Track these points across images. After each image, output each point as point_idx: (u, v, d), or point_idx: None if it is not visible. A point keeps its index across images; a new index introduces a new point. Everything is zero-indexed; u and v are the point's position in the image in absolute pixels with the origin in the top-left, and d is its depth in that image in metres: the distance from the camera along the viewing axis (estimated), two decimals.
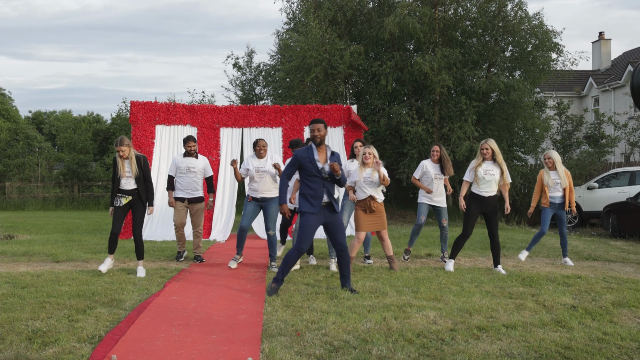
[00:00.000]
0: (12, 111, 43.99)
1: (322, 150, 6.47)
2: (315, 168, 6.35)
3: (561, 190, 8.85)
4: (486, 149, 7.98)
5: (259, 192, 8.15)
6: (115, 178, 7.55)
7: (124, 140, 7.53)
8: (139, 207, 7.63)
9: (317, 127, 6.39)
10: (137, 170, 7.51)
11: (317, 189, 6.36)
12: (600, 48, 29.44)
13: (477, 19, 17.22)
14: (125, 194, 7.56)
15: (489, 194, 7.96)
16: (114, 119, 29.42)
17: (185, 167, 8.80)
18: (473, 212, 8.00)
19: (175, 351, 4.35)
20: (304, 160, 6.39)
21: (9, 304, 5.73)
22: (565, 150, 19.68)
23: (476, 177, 7.96)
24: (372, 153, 7.88)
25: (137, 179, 7.56)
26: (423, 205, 8.92)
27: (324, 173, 6.37)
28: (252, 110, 13.42)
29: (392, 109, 16.98)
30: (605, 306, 5.84)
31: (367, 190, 7.82)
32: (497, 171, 7.94)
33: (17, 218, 17.75)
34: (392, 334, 4.74)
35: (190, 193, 8.81)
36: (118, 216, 7.58)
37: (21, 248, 9.93)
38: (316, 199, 6.36)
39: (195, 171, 8.80)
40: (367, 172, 7.84)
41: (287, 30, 20.36)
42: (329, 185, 6.44)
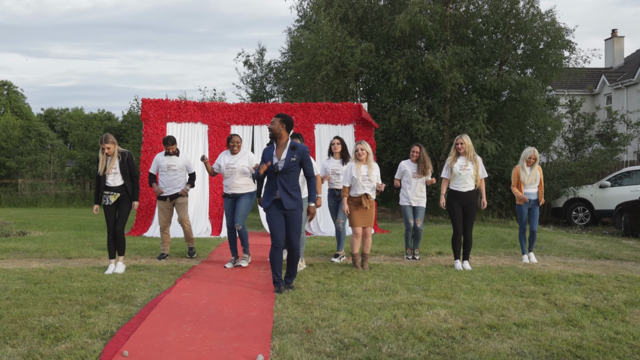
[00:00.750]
0: (24, 109, 44.32)
1: (281, 146, 6.50)
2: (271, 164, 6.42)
3: (536, 187, 8.91)
4: (461, 143, 8.10)
5: (230, 188, 8.13)
6: (99, 176, 7.54)
7: (109, 137, 7.57)
8: (126, 203, 7.62)
9: (272, 121, 6.49)
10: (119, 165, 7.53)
11: (271, 184, 6.45)
12: (613, 45, 29.22)
13: (489, 16, 17.12)
14: (112, 191, 7.54)
15: (467, 189, 8.06)
16: (126, 117, 29.55)
17: (166, 165, 8.84)
18: (455, 209, 8.10)
19: (186, 347, 4.37)
20: (265, 156, 6.49)
21: (22, 299, 5.78)
22: (577, 148, 19.56)
23: (452, 174, 8.06)
24: (364, 149, 7.92)
25: (124, 174, 7.57)
26: (407, 208, 8.96)
27: (277, 168, 6.38)
28: (262, 107, 13.43)
29: (402, 107, 16.94)
30: (617, 305, 5.80)
31: (365, 189, 7.87)
32: (473, 166, 8.05)
33: (29, 215, 17.88)
34: (403, 332, 4.73)
35: (171, 191, 8.83)
36: (110, 215, 7.56)
37: (34, 244, 10.01)
38: (270, 194, 6.44)
39: (176, 169, 8.82)
40: (364, 170, 7.88)
41: (298, 28, 20.35)
42: (283, 181, 6.41)
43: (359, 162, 7.92)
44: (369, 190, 7.89)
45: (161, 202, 8.89)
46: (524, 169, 8.85)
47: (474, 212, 8.16)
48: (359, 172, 7.86)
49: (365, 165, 7.94)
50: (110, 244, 7.60)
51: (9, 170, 24.53)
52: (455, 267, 8.01)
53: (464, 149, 8.08)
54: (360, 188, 7.87)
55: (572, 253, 9.73)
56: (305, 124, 13.32)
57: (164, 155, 8.90)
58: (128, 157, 7.64)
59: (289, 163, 6.37)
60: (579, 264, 8.70)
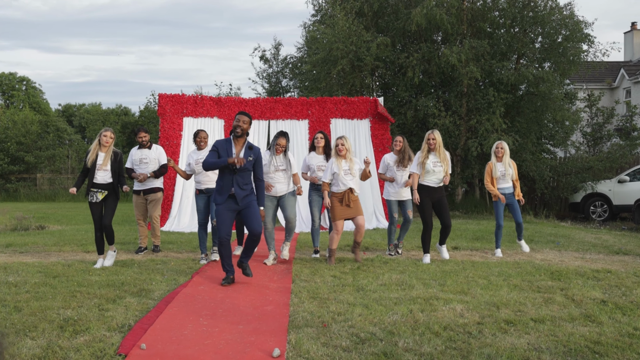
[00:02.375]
0: (42, 104, 44.68)
1: (240, 144, 6.52)
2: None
3: (510, 181, 8.91)
4: (433, 139, 8.11)
5: (203, 183, 8.11)
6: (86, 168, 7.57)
7: (111, 130, 7.75)
8: (112, 199, 7.67)
9: (243, 120, 6.47)
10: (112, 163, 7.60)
11: (226, 181, 6.44)
12: (633, 39, 28.82)
13: (506, 9, 16.97)
14: (100, 188, 7.57)
15: (438, 184, 8.14)
16: (142, 112, 29.72)
17: (139, 159, 8.84)
18: (426, 204, 8.12)
19: (203, 341, 4.40)
20: (221, 150, 6.45)
21: (41, 292, 5.84)
22: (595, 143, 19.37)
23: (424, 170, 8.07)
24: (344, 144, 7.92)
25: (114, 172, 7.62)
26: (392, 202, 8.84)
27: (235, 166, 6.38)
28: (278, 102, 13.45)
29: (419, 101, 16.87)
30: (636, 301, 5.74)
31: (348, 183, 7.86)
32: (443, 162, 8.12)
33: (48, 209, 18.07)
34: (419, 327, 4.73)
35: (144, 184, 8.83)
36: (96, 212, 7.60)
37: (52, 238, 10.11)
38: (224, 190, 6.44)
39: (147, 162, 8.80)
40: (345, 165, 7.88)
41: (314, 22, 20.32)
42: (239, 179, 6.44)
43: (339, 157, 7.92)
44: (353, 185, 7.90)
45: (135, 196, 8.92)
46: (495, 165, 8.85)
47: (446, 204, 8.26)
48: (340, 167, 7.86)
49: (346, 160, 7.92)
50: (98, 240, 7.64)
51: (28, 165, 24.77)
52: (424, 261, 8.03)
53: (435, 144, 8.09)
54: (341, 184, 7.89)
55: (590, 248, 9.65)
56: (321, 119, 13.31)
57: (137, 149, 8.91)
58: (120, 157, 7.73)
59: (247, 162, 6.44)
60: (597, 259, 8.63)
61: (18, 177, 24.83)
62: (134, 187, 8.93)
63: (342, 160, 7.93)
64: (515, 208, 8.94)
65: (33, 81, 46.91)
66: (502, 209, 8.92)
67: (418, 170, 8.14)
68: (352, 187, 7.88)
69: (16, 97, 43.78)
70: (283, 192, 8.04)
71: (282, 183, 7.98)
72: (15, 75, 44.87)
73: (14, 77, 44.71)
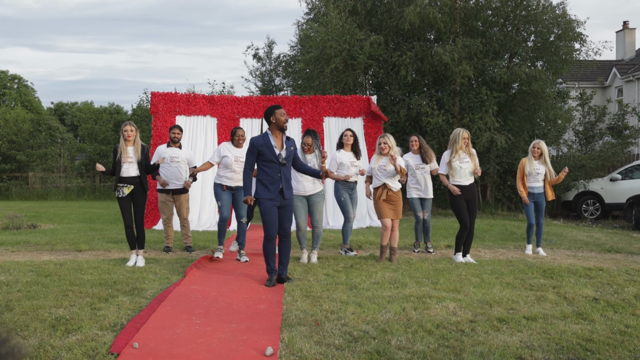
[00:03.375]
0: (34, 102, 44.49)
1: (278, 136, 6.52)
2: (273, 154, 6.40)
3: (541, 181, 8.89)
4: (465, 138, 8.07)
5: (235, 181, 8.12)
6: (115, 162, 7.49)
7: (132, 123, 7.64)
8: (141, 196, 7.58)
9: (284, 113, 6.50)
10: (139, 156, 7.51)
11: (274, 175, 6.43)
12: (625, 38, 28.94)
13: (499, 8, 17.00)
14: (126, 182, 7.48)
15: (469, 182, 8.07)
16: (135, 110, 29.60)
17: (169, 157, 8.72)
18: (460, 203, 8.07)
19: (196, 339, 4.39)
20: (261, 147, 6.43)
21: (33, 292, 5.81)
22: (587, 141, 19.43)
23: (452, 170, 8.04)
24: (387, 143, 7.94)
25: (140, 165, 7.53)
26: (414, 200, 8.89)
27: (281, 159, 6.41)
28: (271, 101, 13.43)
29: (412, 100, 16.88)
30: (628, 299, 5.77)
31: (381, 179, 7.89)
32: (471, 160, 8.08)
33: (40, 208, 17.99)
34: (412, 325, 4.73)
35: (174, 183, 8.73)
36: (125, 207, 7.53)
37: (44, 237, 10.07)
38: (273, 185, 6.42)
39: (179, 161, 8.73)
40: (382, 161, 7.93)
41: (307, 21, 20.30)
42: (285, 171, 6.47)
43: (381, 154, 8.00)
44: (388, 181, 7.90)
45: (163, 195, 8.83)
46: (530, 162, 8.86)
47: (476, 204, 8.18)
48: (377, 162, 7.97)
49: (386, 158, 7.95)
50: (129, 235, 7.60)
51: (20, 163, 24.66)
52: (456, 260, 8.01)
53: (466, 143, 8.09)
54: (376, 180, 7.99)
55: (582, 246, 9.69)
56: (314, 117, 13.30)
57: (167, 147, 8.84)
58: (147, 150, 7.64)
59: (290, 153, 6.48)
60: (589, 257, 8.67)
61: (10, 175, 24.72)
62: (160, 187, 8.82)
63: (383, 157, 7.98)
64: (539, 208, 8.95)
65: (25, 79, 46.78)
66: (532, 208, 8.94)
67: (445, 171, 8.13)
68: (386, 182, 7.90)
69: (8, 96, 43.58)
70: (312, 192, 7.89)
71: (309, 181, 7.87)
72: (7, 73, 44.66)
73: (6, 76, 44.49)
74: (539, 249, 8.96)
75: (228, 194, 8.17)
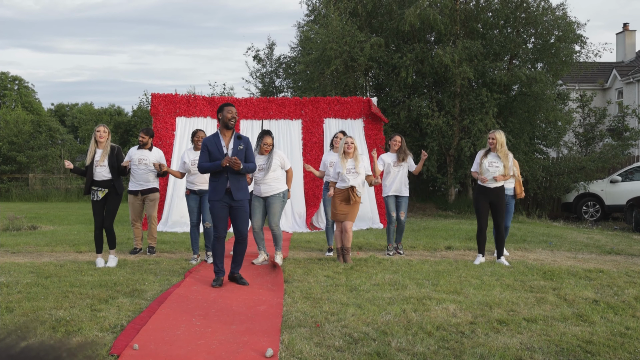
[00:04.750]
0: (35, 104, 44.52)
1: (227, 135, 6.48)
2: (220, 153, 6.37)
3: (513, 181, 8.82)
4: (492, 138, 7.97)
5: (197, 185, 8.10)
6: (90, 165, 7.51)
7: (105, 125, 7.69)
8: (114, 199, 7.60)
9: (234, 111, 6.44)
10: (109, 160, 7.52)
11: (221, 176, 6.38)
12: (625, 39, 28.95)
13: (499, 10, 17.02)
14: (100, 186, 7.52)
15: (494, 185, 7.98)
16: (135, 112, 29.60)
17: (138, 159, 8.73)
18: (481, 204, 8.03)
19: (196, 341, 4.39)
20: (210, 146, 6.39)
21: (33, 293, 5.82)
22: (588, 143, 19.44)
23: (481, 169, 7.97)
24: (353, 142, 7.97)
25: (112, 168, 7.54)
26: (389, 199, 8.79)
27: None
28: (272, 102, 13.43)
29: (412, 102, 16.88)
30: (628, 301, 5.77)
31: (350, 182, 7.86)
32: (501, 163, 7.94)
33: (40, 209, 17.99)
34: (412, 327, 4.73)
35: (142, 185, 8.74)
36: (97, 210, 7.55)
37: (44, 239, 10.07)
38: (220, 185, 6.38)
39: (147, 163, 8.71)
40: (349, 163, 7.91)
41: (308, 22, 20.32)
42: (232, 171, 6.37)
43: (346, 155, 7.97)
44: (355, 183, 7.89)
45: (132, 196, 8.84)
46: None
47: (503, 208, 8.08)
48: (343, 165, 7.89)
49: (352, 159, 7.94)
50: (97, 238, 7.63)
51: (20, 165, 24.65)
52: (476, 262, 7.98)
53: (494, 144, 7.95)
54: (342, 182, 7.91)
55: (582, 248, 9.69)
56: (315, 119, 13.31)
57: (137, 149, 8.83)
58: (117, 152, 7.65)
59: (237, 152, 6.39)
60: (589, 259, 8.66)
61: (10, 177, 24.71)
62: (130, 188, 8.84)
63: (349, 159, 7.94)
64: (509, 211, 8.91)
65: (25, 81, 46.78)
66: None
67: (476, 168, 8.09)
68: (354, 185, 7.88)
69: (8, 97, 43.60)
70: (268, 194, 7.86)
71: (266, 183, 7.82)
72: (8, 74, 44.69)
73: (6, 77, 44.52)
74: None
75: (194, 199, 8.13)
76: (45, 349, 1.24)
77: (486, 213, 8.05)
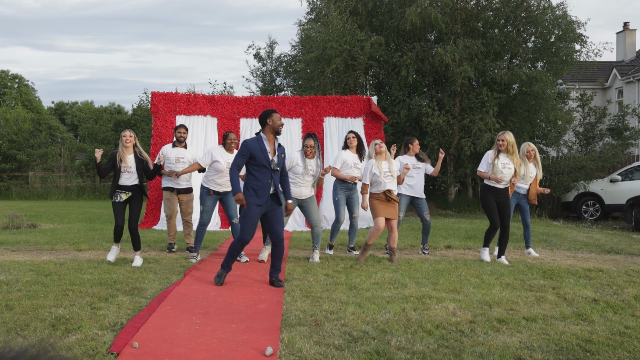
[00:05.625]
0: (35, 102, 44.50)
1: (272, 141, 6.43)
2: (266, 159, 6.30)
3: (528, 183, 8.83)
4: (502, 140, 7.97)
5: (222, 187, 8.05)
6: (116, 170, 7.48)
7: (131, 130, 7.65)
8: (137, 201, 7.59)
9: (280, 117, 6.42)
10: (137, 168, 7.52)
11: (264, 181, 6.30)
12: (625, 39, 28.95)
13: (500, 9, 17.03)
14: (125, 190, 7.52)
15: (504, 186, 8.01)
16: (135, 110, 29.60)
17: (174, 158, 8.64)
18: (491, 203, 8.03)
19: (196, 339, 4.39)
20: (255, 151, 6.30)
21: (33, 291, 5.82)
22: (588, 142, 19.43)
23: (494, 170, 7.95)
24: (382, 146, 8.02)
25: (140, 176, 7.55)
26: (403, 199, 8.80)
27: (274, 165, 6.33)
28: (272, 101, 13.43)
29: (412, 100, 16.89)
30: (628, 300, 5.78)
31: (387, 185, 7.86)
32: (513, 164, 7.97)
33: (40, 207, 17.99)
34: (411, 325, 4.73)
35: (178, 184, 8.68)
36: (119, 210, 7.54)
37: (44, 237, 10.07)
38: (263, 190, 6.30)
39: (185, 162, 8.64)
40: (385, 166, 7.88)
41: (309, 21, 20.32)
42: (275, 177, 6.39)
43: (379, 158, 7.94)
44: (391, 186, 7.90)
45: (167, 192, 8.77)
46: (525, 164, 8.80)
47: (509, 207, 8.11)
48: (380, 168, 7.86)
49: (386, 161, 7.94)
50: (117, 231, 7.61)
51: (20, 163, 24.64)
52: (482, 256, 8.10)
53: (504, 146, 7.96)
54: (381, 185, 7.88)
55: (582, 247, 9.69)
56: (315, 117, 13.31)
57: (172, 147, 8.76)
58: (146, 163, 7.62)
59: (281, 160, 6.42)
60: (589, 258, 8.67)
61: (10, 175, 24.71)
62: (166, 185, 8.75)
63: (382, 161, 7.94)
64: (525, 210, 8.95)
65: (25, 79, 46.71)
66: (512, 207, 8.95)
67: (487, 169, 8.06)
68: (390, 188, 7.88)
69: (8, 95, 43.58)
70: (306, 196, 7.96)
71: (307, 187, 7.95)
72: (8, 73, 44.66)
73: (6, 75, 44.50)
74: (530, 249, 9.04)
75: (213, 200, 8.07)
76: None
77: (496, 211, 8.04)
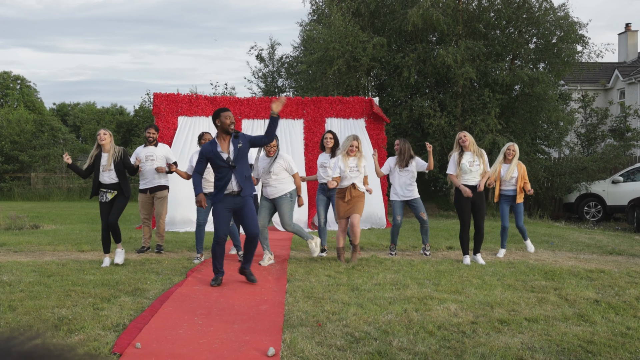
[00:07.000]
0: (37, 103, 44.57)
1: (225, 140, 6.47)
2: (221, 160, 6.36)
3: (514, 184, 8.85)
4: (464, 136, 8.06)
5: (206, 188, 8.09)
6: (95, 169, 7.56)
7: (106, 128, 7.72)
8: (121, 199, 7.64)
9: (230, 116, 6.42)
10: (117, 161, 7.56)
11: (225, 179, 6.38)
12: (627, 40, 28.91)
13: (501, 10, 17.02)
14: (109, 188, 7.57)
15: (476, 183, 8.05)
16: (137, 111, 29.64)
17: (144, 156, 8.71)
18: (464, 203, 8.05)
19: (198, 340, 4.40)
20: (208, 154, 6.40)
21: (36, 292, 5.83)
22: (589, 143, 19.43)
23: (460, 170, 8.02)
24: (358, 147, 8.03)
25: (118, 172, 7.58)
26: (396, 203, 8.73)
27: (230, 162, 6.36)
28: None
29: (414, 102, 16.89)
30: (629, 301, 5.78)
31: (353, 179, 7.90)
32: (480, 161, 8.03)
33: (42, 208, 18.02)
34: (413, 326, 4.74)
35: (150, 182, 8.74)
36: (105, 211, 7.58)
37: (46, 238, 10.09)
38: (224, 187, 6.39)
39: (154, 159, 8.70)
40: (352, 162, 7.93)
41: (311, 22, 20.33)
42: (236, 173, 6.40)
43: (347, 155, 7.98)
44: (356, 180, 7.92)
45: (142, 195, 8.84)
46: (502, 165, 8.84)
47: (484, 206, 8.15)
48: (346, 164, 7.89)
49: (354, 157, 7.95)
50: (104, 239, 7.63)
51: (22, 164, 24.68)
52: (464, 262, 7.99)
53: (467, 143, 8.04)
54: (345, 180, 7.92)
55: (583, 248, 9.69)
56: (316, 118, 13.32)
57: (143, 147, 8.85)
58: (123, 155, 7.66)
59: (239, 152, 6.39)
60: (591, 259, 8.66)
61: (12, 176, 24.75)
62: (140, 187, 8.85)
63: (351, 157, 7.96)
64: (518, 212, 8.96)
65: (27, 80, 46.81)
66: (507, 211, 8.94)
67: (454, 170, 8.08)
68: (356, 182, 7.90)
69: (10, 96, 43.66)
70: (274, 195, 7.90)
71: (272, 186, 7.87)
72: (10, 74, 44.73)
73: (9, 76, 44.57)
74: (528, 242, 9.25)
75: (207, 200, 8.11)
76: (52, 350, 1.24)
77: (469, 212, 8.09)
